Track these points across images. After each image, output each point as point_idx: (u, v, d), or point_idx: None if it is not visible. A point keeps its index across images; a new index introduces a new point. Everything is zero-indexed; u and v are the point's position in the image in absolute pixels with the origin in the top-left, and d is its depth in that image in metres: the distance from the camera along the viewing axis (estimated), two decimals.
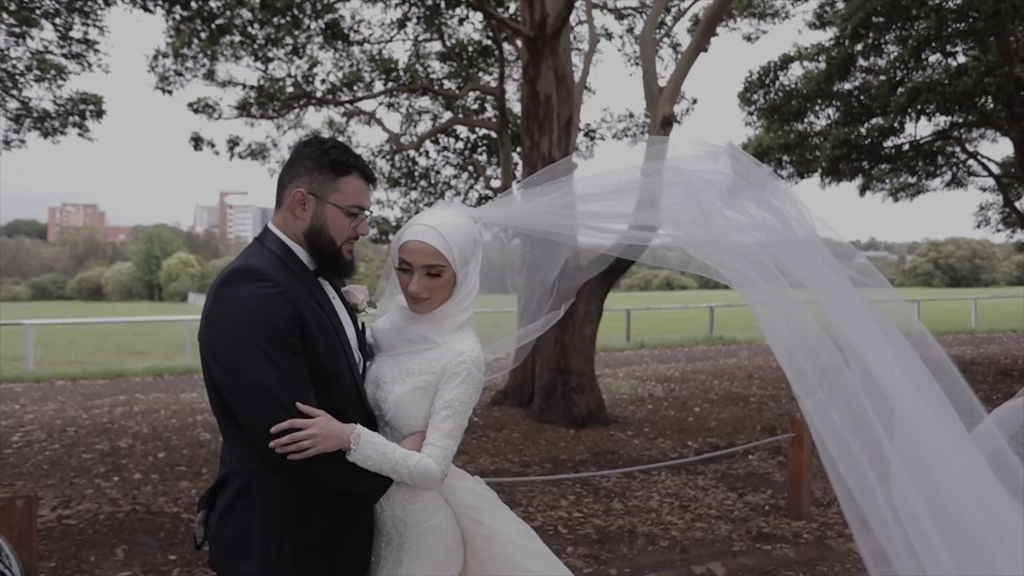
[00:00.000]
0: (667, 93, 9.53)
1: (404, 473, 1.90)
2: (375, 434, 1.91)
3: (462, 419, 2.01)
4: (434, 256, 2.02)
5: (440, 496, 2.07)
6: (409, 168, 14.06)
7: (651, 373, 14.45)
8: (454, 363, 2.00)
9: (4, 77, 10.36)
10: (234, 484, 1.88)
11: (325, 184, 1.96)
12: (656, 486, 6.50)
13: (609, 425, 9.05)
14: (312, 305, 1.90)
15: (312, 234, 1.97)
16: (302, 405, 1.80)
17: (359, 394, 2.02)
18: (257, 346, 1.77)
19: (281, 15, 10.35)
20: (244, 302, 1.80)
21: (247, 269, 1.86)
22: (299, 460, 1.78)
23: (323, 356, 1.89)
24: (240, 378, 1.78)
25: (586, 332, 9.42)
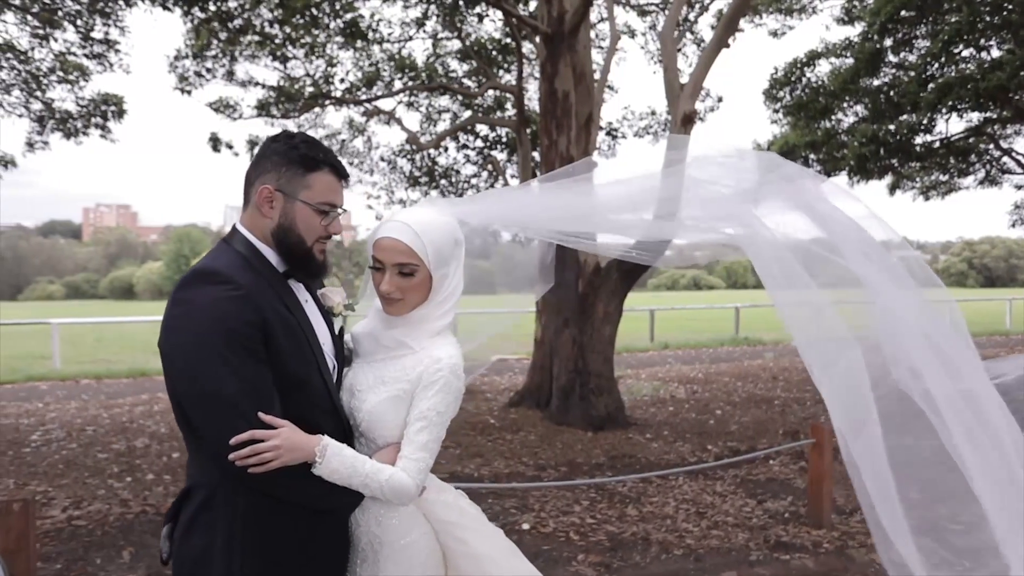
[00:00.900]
0: (688, 90, 9.34)
1: (375, 488, 1.80)
2: (343, 446, 1.79)
3: (439, 430, 1.90)
4: (406, 254, 1.92)
5: (418, 511, 1.96)
6: (429, 167, 14.01)
7: (674, 374, 14.26)
8: (431, 371, 1.89)
9: (28, 79, 10.47)
10: (196, 497, 1.79)
11: (294, 180, 1.85)
12: (673, 491, 6.35)
13: (628, 428, 8.90)
14: (279, 308, 1.80)
15: (280, 233, 1.87)
16: (264, 415, 1.69)
17: (332, 402, 1.91)
18: (216, 352, 1.67)
19: (299, 14, 10.33)
20: (203, 306, 1.70)
21: (207, 271, 1.76)
22: (261, 473, 1.68)
23: (290, 362, 1.79)
24: (198, 386, 1.68)
25: (605, 333, 9.28)
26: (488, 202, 2.24)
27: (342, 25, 10.99)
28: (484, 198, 2.31)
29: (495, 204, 2.28)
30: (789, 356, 17.10)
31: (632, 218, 2.93)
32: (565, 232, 2.51)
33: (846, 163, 14.03)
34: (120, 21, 10.06)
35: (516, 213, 2.28)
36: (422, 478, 1.87)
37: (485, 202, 2.23)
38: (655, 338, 20.52)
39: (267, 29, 10.74)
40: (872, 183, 16.01)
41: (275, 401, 1.74)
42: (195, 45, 10.71)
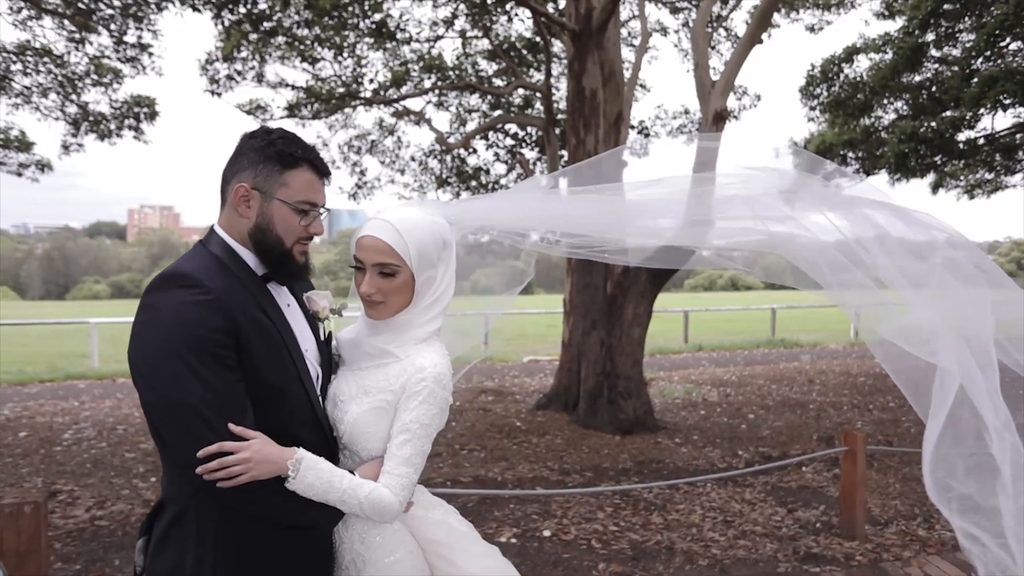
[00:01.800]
0: (719, 87, 9.15)
1: (353, 504, 1.70)
2: (320, 460, 1.70)
3: (423, 444, 1.79)
4: (387, 254, 1.82)
5: (404, 529, 1.86)
6: (458, 167, 13.95)
7: (707, 377, 14.01)
8: (414, 380, 1.79)
9: (64, 82, 10.65)
10: (168, 512, 1.71)
11: (271, 178, 1.77)
12: (700, 499, 6.18)
13: (657, 432, 8.74)
14: (254, 313, 1.72)
15: (258, 234, 1.78)
16: (234, 426, 1.61)
17: (313, 412, 1.82)
18: (182, 360, 1.58)
19: (328, 16, 10.34)
20: (170, 311, 1.62)
21: (175, 275, 1.68)
22: (231, 488, 1.60)
23: (267, 370, 1.70)
24: (163, 396, 1.60)
25: (634, 335, 9.12)
26: (483, 204, 2.14)
27: (371, 25, 10.98)
28: (482, 200, 2.21)
29: (493, 207, 2.18)
30: (827, 358, 16.74)
31: (651, 224, 2.83)
32: (572, 237, 2.42)
33: (886, 161, 13.64)
34: (152, 25, 10.18)
35: (514, 217, 2.18)
36: (406, 494, 1.77)
37: (478, 204, 2.13)
38: (689, 340, 20.24)
39: (296, 30, 10.77)
40: (914, 182, 15.57)
41: (247, 411, 1.65)
42: (226, 47, 10.79)
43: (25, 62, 10.55)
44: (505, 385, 12.83)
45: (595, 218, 2.27)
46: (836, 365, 15.48)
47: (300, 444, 1.71)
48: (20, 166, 11.53)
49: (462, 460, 7.43)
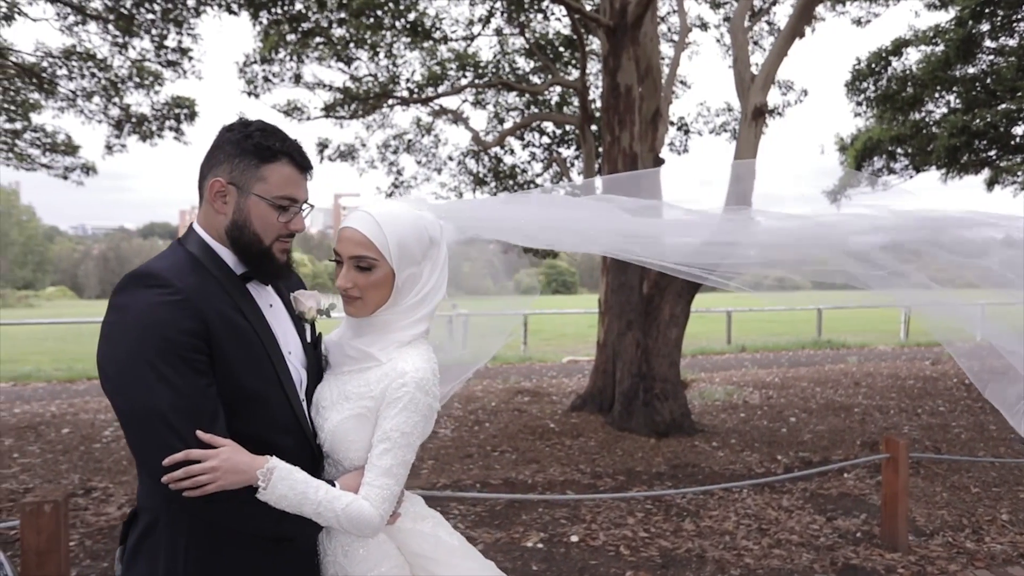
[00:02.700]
0: (759, 82, 8.92)
1: (330, 517, 1.61)
2: (294, 469, 1.61)
3: (404, 453, 1.70)
4: (364, 246, 1.74)
5: (390, 541, 1.77)
6: (494, 166, 13.88)
7: (749, 378, 13.71)
8: (395, 386, 1.70)
9: (107, 85, 10.86)
10: (141, 521, 1.66)
11: (247, 172, 1.69)
12: (734, 505, 6.00)
13: (694, 435, 8.54)
14: (230, 314, 1.64)
15: (235, 231, 1.70)
16: (203, 433, 1.53)
17: (295, 419, 1.74)
18: (149, 363, 1.51)
19: (363, 15, 10.37)
20: (137, 312, 1.55)
21: (143, 274, 1.61)
22: (198, 498, 1.53)
23: (242, 374, 1.63)
24: (130, 401, 1.53)
25: (671, 335, 8.94)
26: (482, 205, 2.06)
27: (405, 24, 10.98)
28: (481, 204, 2.13)
29: (492, 209, 2.09)
30: (875, 360, 16.27)
31: (676, 241, 2.75)
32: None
33: (936, 157, 13.18)
34: (192, 29, 10.31)
35: (514, 222, 2.09)
36: (387, 507, 1.67)
37: (474, 206, 2.05)
38: (732, 340, 19.87)
39: (332, 30, 10.82)
40: (968, 178, 15.05)
41: (218, 418, 1.58)
42: (264, 48, 10.89)
43: (70, 66, 10.79)
44: (542, 386, 12.72)
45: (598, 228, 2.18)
46: (884, 367, 15.02)
47: (280, 452, 1.64)
48: (66, 169, 11.81)
49: (493, 462, 7.36)
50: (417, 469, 7.09)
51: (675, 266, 2.84)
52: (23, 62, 10.66)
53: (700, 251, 2.90)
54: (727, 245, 2.97)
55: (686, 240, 2.82)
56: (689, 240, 2.82)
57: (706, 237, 2.83)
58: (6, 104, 11.36)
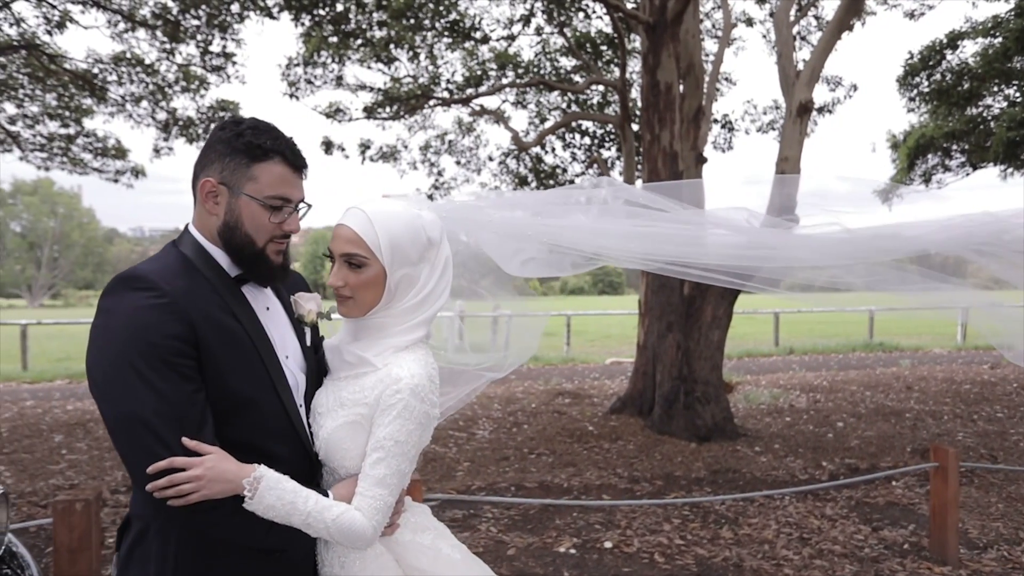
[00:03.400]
0: (804, 77, 8.69)
1: (320, 528, 1.56)
2: (283, 479, 1.56)
3: (398, 462, 1.63)
4: (355, 244, 1.69)
5: (387, 554, 1.71)
6: (535, 166, 13.81)
7: (796, 381, 13.39)
8: (389, 392, 1.63)
9: (155, 90, 11.11)
10: (133, 529, 1.63)
11: (238, 172, 1.64)
12: (775, 512, 5.83)
13: (736, 439, 8.35)
14: (221, 318, 1.60)
15: (226, 232, 1.66)
16: (189, 440, 1.49)
17: (290, 425, 1.69)
18: (134, 369, 1.48)
19: (403, 16, 10.40)
20: (122, 316, 1.52)
21: (129, 276, 1.58)
22: (183, 507, 1.49)
23: (232, 378, 1.59)
24: (116, 407, 1.50)
25: (713, 338, 8.76)
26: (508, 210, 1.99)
27: (446, 25, 10.99)
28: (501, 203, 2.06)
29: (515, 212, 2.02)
30: (929, 364, 15.77)
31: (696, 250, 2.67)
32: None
33: (993, 153, 12.69)
34: (236, 35, 10.48)
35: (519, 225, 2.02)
36: (380, 518, 1.62)
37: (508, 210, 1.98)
38: (779, 342, 19.47)
39: (373, 32, 10.89)
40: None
41: (205, 424, 1.54)
42: (307, 49, 11.01)
43: (120, 72, 11.06)
44: (583, 387, 12.61)
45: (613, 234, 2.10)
46: (939, 371, 14.53)
47: (274, 459, 1.59)
48: (117, 172, 12.12)
49: (529, 464, 7.29)
50: (452, 471, 7.07)
51: (713, 274, 2.74)
52: (76, 69, 10.98)
53: (740, 255, 2.80)
54: (770, 249, 2.87)
55: (726, 249, 2.72)
56: (730, 249, 2.72)
57: (748, 250, 2.74)
58: (60, 110, 11.70)
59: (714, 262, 2.69)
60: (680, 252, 2.53)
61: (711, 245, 2.72)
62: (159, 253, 1.71)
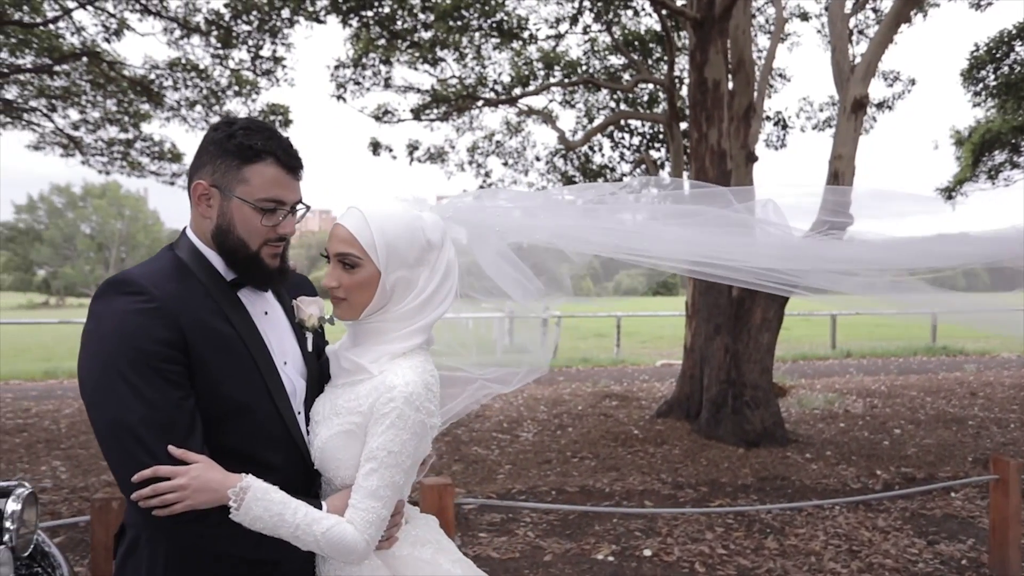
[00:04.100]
0: (860, 72, 8.39)
1: (309, 541, 1.51)
2: (271, 489, 1.52)
3: (392, 474, 1.57)
4: (349, 243, 1.64)
5: (384, 567, 1.65)
6: (582, 165, 13.69)
7: (853, 386, 12.99)
8: (382, 401, 1.58)
9: (208, 94, 11.36)
10: (126, 538, 1.62)
11: (229, 174, 1.61)
12: (824, 522, 5.62)
13: (786, 445, 8.11)
14: (213, 322, 1.57)
15: (219, 235, 1.63)
16: (175, 448, 1.46)
17: (287, 433, 1.65)
18: (120, 375, 1.45)
19: (449, 17, 10.42)
20: (111, 321, 1.50)
21: (119, 280, 1.55)
22: (169, 517, 1.46)
23: (225, 384, 1.55)
24: (102, 414, 1.48)
25: (763, 340, 8.53)
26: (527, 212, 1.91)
27: (492, 25, 10.97)
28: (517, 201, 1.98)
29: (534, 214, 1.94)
30: (996, 368, 15.13)
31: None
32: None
33: None
34: (285, 39, 10.65)
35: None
36: (373, 532, 1.56)
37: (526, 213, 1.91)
38: (836, 345, 18.94)
39: (420, 33, 10.94)
40: None
41: (194, 432, 1.50)
42: (355, 51, 11.12)
43: (175, 78, 11.34)
44: (632, 390, 12.46)
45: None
46: (1006, 377, 13.93)
47: (268, 468, 1.56)
48: (173, 175, 12.44)
49: (571, 468, 7.20)
50: (494, 473, 7.02)
51: (759, 282, 2.60)
52: (134, 75, 11.30)
53: (788, 259, 2.67)
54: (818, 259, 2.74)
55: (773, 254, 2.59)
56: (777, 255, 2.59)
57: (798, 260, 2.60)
58: (120, 115, 12.06)
59: (757, 267, 2.56)
60: (719, 255, 2.41)
61: (756, 248, 2.59)
62: (154, 256, 1.69)
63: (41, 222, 64.24)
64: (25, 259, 64.89)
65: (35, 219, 64.24)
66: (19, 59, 10.64)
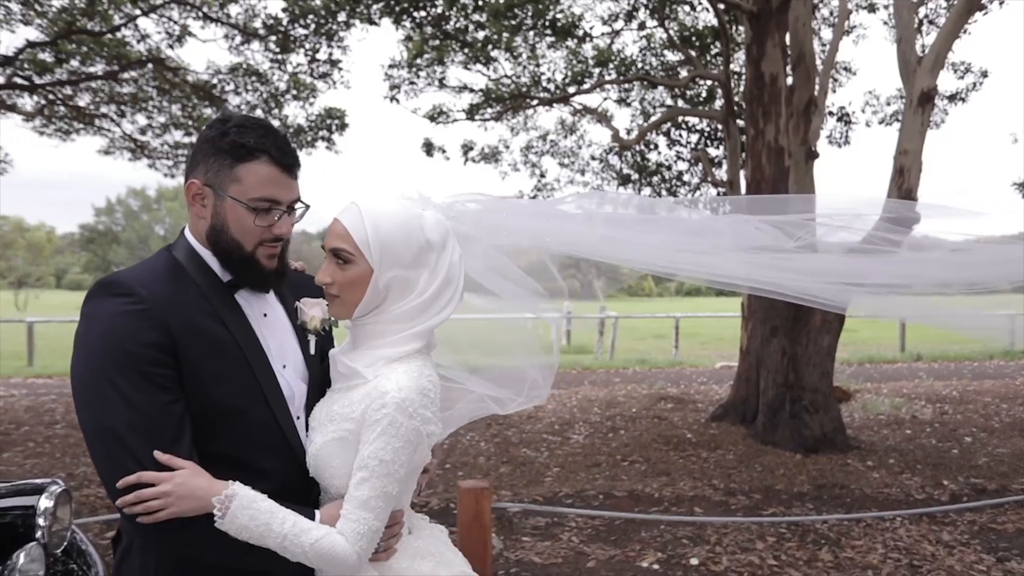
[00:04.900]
0: (927, 63, 8.02)
1: (297, 552, 1.46)
2: (258, 497, 1.47)
3: (384, 484, 1.51)
4: (342, 238, 1.60)
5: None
6: (638, 164, 13.49)
7: (922, 390, 12.48)
8: (374, 407, 1.51)
9: (268, 98, 11.60)
10: (123, 542, 1.60)
11: (222, 173, 1.57)
12: (884, 534, 5.37)
13: (847, 452, 7.81)
14: (206, 324, 1.54)
15: (213, 235, 1.60)
16: (161, 454, 1.43)
17: (282, 438, 1.60)
18: (108, 378, 1.43)
19: (503, 16, 10.40)
20: (100, 323, 1.48)
21: (110, 282, 1.53)
22: (153, 524, 1.42)
23: (217, 388, 1.52)
24: (89, 417, 1.46)
25: (823, 343, 8.24)
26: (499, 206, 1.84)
27: (546, 24, 10.90)
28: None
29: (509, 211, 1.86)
30: None
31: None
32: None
33: None
34: (341, 42, 10.78)
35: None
36: (365, 544, 1.50)
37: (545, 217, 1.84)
38: (906, 348, 18.25)
39: (474, 33, 10.95)
40: None
41: (182, 437, 1.47)
42: (409, 52, 11.19)
43: (236, 82, 11.61)
44: (688, 392, 12.22)
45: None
46: None
47: (263, 475, 1.53)
48: None
49: (621, 472, 7.07)
50: (541, 476, 6.95)
51: (814, 297, 2.44)
52: (197, 80, 11.61)
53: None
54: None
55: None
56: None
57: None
58: (184, 119, 12.41)
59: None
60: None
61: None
62: (151, 257, 1.67)
63: (118, 224, 66.98)
64: (104, 260, 67.67)
65: (112, 221, 67.03)
66: (90, 67, 11.06)
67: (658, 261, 1.95)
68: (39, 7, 10.15)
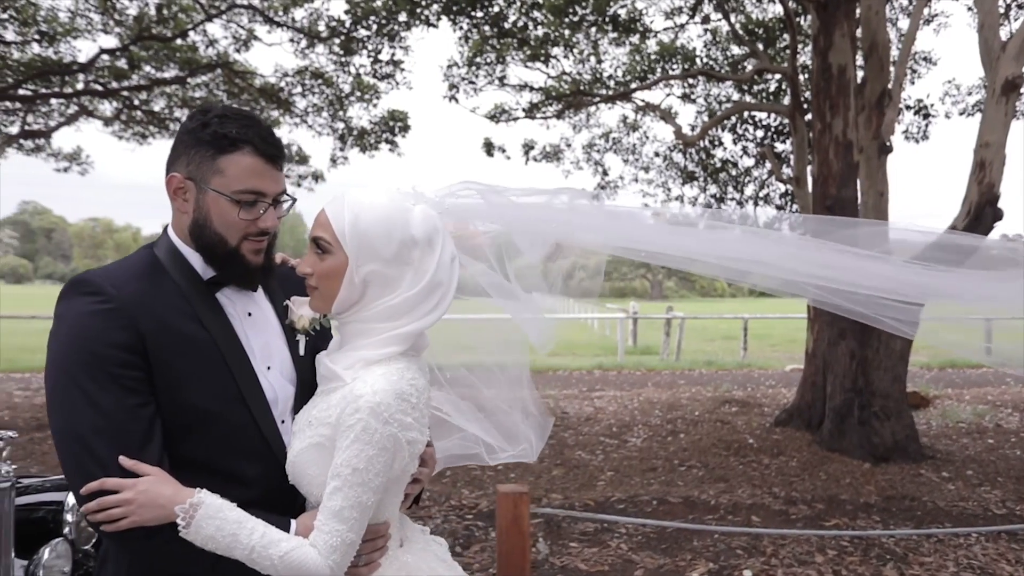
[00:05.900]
0: (1012, 50, 7.54)
1: (266, 565, 1.38)
2: (226, 506, 1.40)
3: (358, 493, 1.42)
4: (323, 227, 1.53)
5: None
6: (703, 160, 13.16)
7: (1008, 397, 11.82)
8: (347, 412, 1.43)
9: (333, 100, 11.78)
10: (102, 548, 1.58)
11: (203, 165, 1.51)
12: (957, 551, 5.05)
13: (920, 461, 7.42)
14: (181, 324, 1.48)
15: (196, 230, 1.54)
16: (127, 459, 1.38)
17: (263, 443, 1.54)
18: (74, 380, 1.38)
19: (564, 14, 10.29)
20: (69, 323, 1.44)
21: (80, 280, 1.49)
22: (116, 533, 1.37)
23: (191, 390, 1.46)
24: (57, 420, 1.42)
25: (894, 346, 7.84)
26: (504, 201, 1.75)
27: (606, 20, 10.74)
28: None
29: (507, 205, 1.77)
30: None
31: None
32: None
33: None
34: (403, 42, 10.86)
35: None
36: (338, 557, 1.41)
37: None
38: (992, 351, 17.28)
39: (534, 31, 10.88)
40: None
41: (150, 441, 1.41)
42: (468, 51, 11.19)
43: (303, 85, 11.84)
44: (755, 395, 11.86)
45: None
46: None
47: (241, 480, 1.47)
48: (299, 177, 13.03)
49: (677, 477, 6.88)
50: (595, 480, 6.83)
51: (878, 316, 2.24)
52: (264, 84, 11.89)
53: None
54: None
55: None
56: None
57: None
58: None
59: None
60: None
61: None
62: (130, 255, 1.63)
63: None
64: None
65: None
66: (162, 72, 11.45)
67: (669, 250, 1.86)
68: (117, 16, 10.57)
